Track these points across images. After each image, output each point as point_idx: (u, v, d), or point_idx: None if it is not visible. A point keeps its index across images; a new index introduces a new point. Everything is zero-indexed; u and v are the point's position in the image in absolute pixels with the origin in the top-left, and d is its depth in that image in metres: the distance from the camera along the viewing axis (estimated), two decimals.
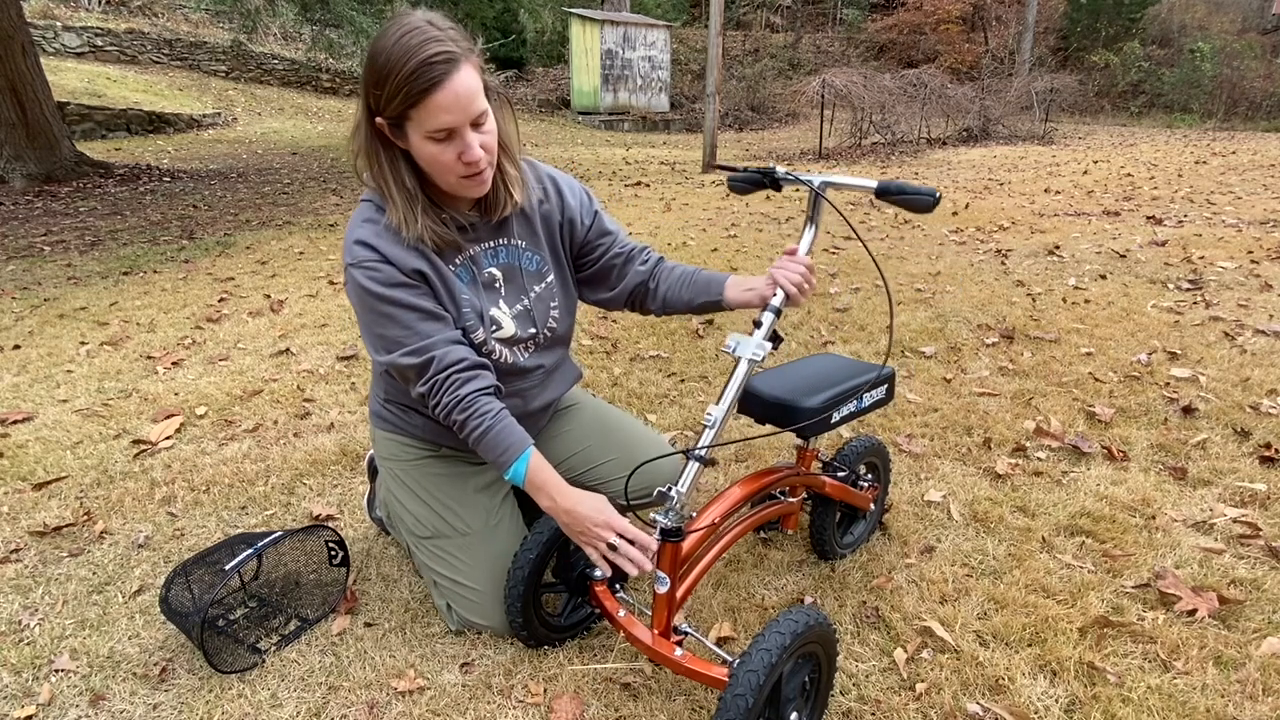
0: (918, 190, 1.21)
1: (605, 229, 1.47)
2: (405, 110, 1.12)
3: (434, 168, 1.19)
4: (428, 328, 1.25)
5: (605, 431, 1.61)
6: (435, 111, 1.11)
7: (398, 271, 1.24)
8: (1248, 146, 11.45)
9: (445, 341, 1.26)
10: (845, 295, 3.70)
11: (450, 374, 1.25)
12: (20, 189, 6.92)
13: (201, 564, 1.49)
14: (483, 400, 1.26)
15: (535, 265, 1.40)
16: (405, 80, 1.09)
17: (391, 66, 1.09)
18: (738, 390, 1.22)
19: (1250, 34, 20.85)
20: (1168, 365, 2.75)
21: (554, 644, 1.43)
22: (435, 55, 1.08)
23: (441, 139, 1.14)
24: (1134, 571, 1.62)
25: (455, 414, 1.25)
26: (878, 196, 1.25)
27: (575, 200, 1.43)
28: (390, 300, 1.23)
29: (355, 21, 8.91)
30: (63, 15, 12.46)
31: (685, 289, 1.43)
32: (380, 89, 1.11)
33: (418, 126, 1.14)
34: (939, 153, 11.72)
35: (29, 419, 2.44)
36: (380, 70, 1.11)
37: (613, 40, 16.56)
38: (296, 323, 3.38)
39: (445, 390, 1.25)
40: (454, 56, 1.10)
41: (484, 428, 1.24)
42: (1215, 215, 5.67)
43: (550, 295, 1.43)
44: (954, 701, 1.29)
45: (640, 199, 6.95)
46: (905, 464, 2.10)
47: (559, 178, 1.43)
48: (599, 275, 1.49)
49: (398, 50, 1.09)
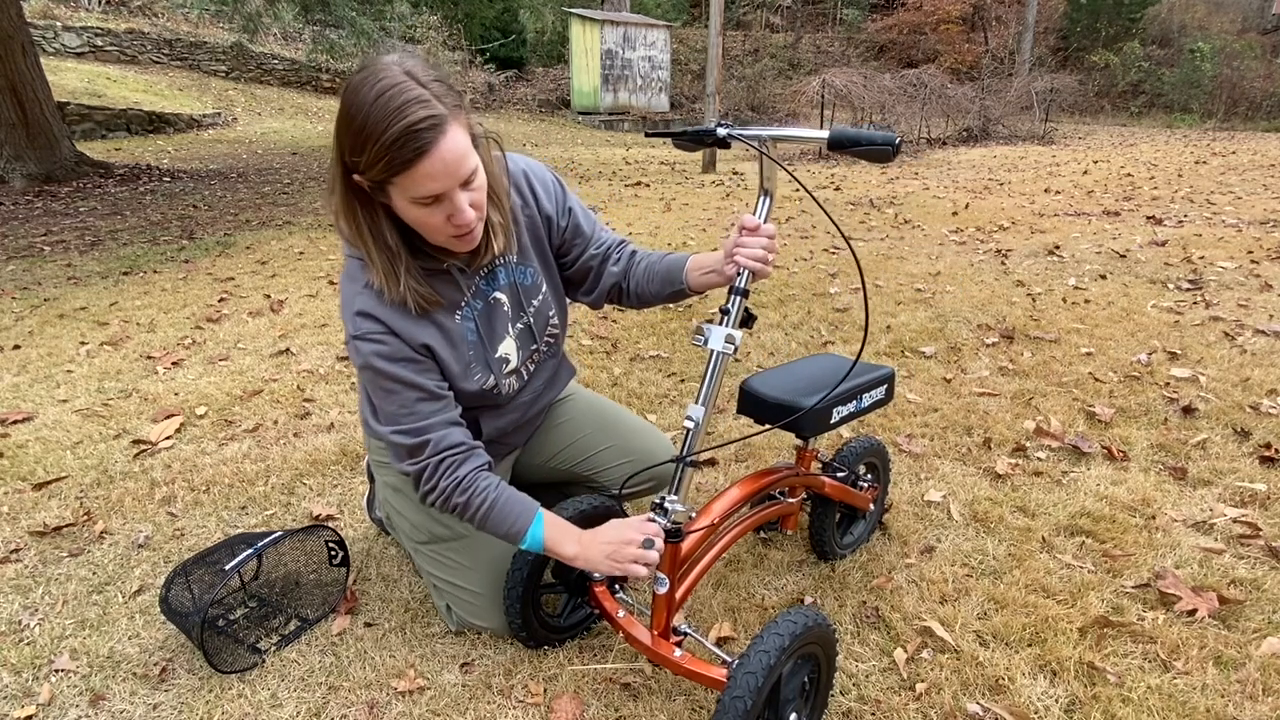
0: (873, 139, 1.08)
1: (580, 228, 1.40)
2: (388, 177, 1.03)
3: (421, 229, 1.12)
4: (427, 408, 1.21)
5: (600, 421, 1.61)
6: (422, 180, 1.02)
7: (405, 346, 1.18)
8: (1248, 146, 11.45)
9: (443, 424, 1.22)
10: (845, 295, 3.70)
11: (446, 457, 1.21)
12: (20, 189, 6.92)
13: (201, 564, 1.49)
14: (481, 478, 1.23)
15: (530, 278, 1.36)
16: (387, 149, 0.99)
17: (371, 131, 0.99)
18: (715, 385, 1.17)
19: (1250, 34, 20.86)
20: (1168, 365, 2.74)
21: (554, 644, 1.43)
22: (420, 122, 0.98)
23: (429, 203, 1.06)
24: (1134, 571, 1.62)
25: (456, 497, 1.22)
26: (830, 149, 1.13)
27: (550, 199, 1.36)
28: (393, 377, 1.19)
29: (355, 23, 8.91)
30: (63, 15, 12.47)
31: (651, 283, 1.37)
32: (359, 154, 1.01)
33: (402, 192, 1.05)
34: (939, 153, 11.72)
35: (29, 419, 2.44)
36: (358, 133, 1.00)
37: (613, 40, 16.56)
38: (296, 323, 3.38)
39: (441, 474, 1.21)
40: (440, 120, 1.00)
41: (489, 503, 1.22)
42: (1215, 215, 5.67)
43: (547, 306, 1.40)
44: (954, 701, 1.29)
45: (640, 199, 6.95)
46: (905, 464, 2.10)
47: (531, 174, 1.34)
48: (577, 276, 1.45)
49: (377, 113, 0.98)
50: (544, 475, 1.64)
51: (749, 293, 1.18)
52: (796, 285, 3.88)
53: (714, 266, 1.27)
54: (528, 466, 1.62)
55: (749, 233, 1.18)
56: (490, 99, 17.20)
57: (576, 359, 2.91)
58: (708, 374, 1.17)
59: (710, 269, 1.27)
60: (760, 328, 3.25)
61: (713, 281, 1.28)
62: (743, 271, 1.17)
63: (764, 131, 1.16)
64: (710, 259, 1.28)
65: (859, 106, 12.00)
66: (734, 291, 1.18)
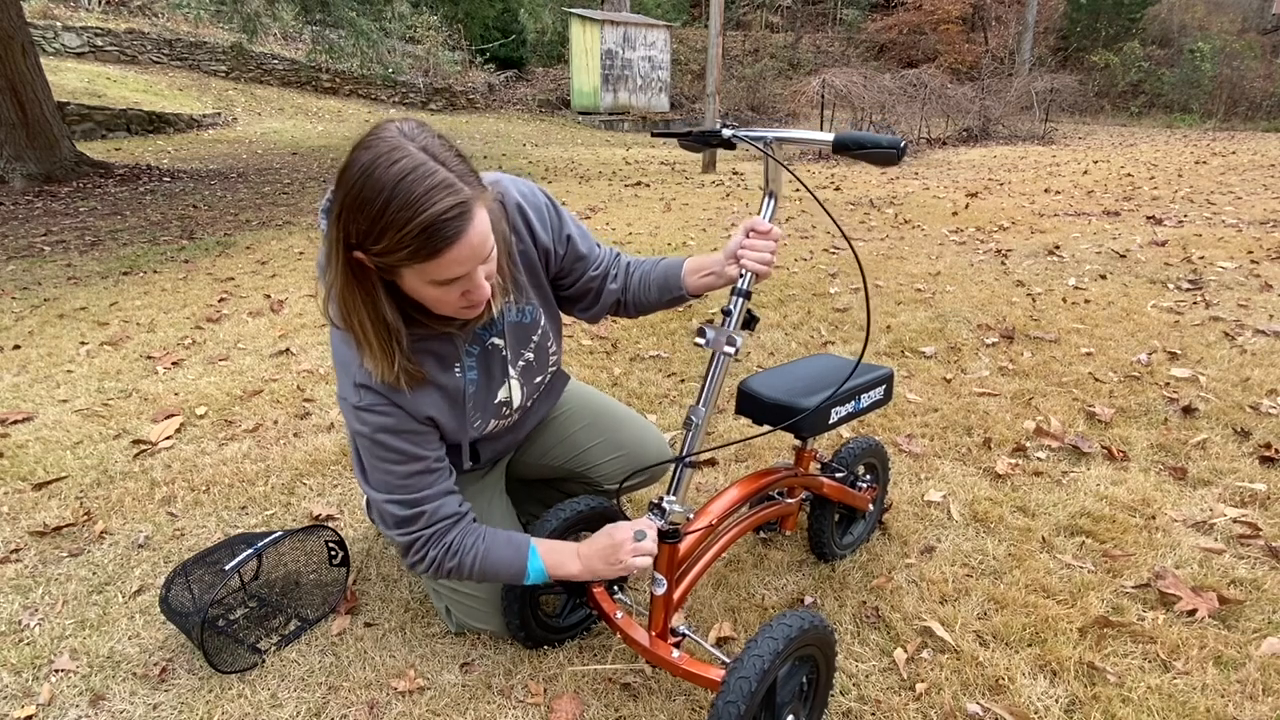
0: (878, 142, 1.06)
1: (579, 253, 1.34)
2: (408, 264, 0.96)
3: (431, 305, 1.06)
4: (424, 481, 1.18)
5: (590, 417, 1.60)
6: (447, 267, 0.97)
7: (410, 419, 1.14)
8: (1248, 146, 11.44)
9: (439, 495, 1.19)
10: (845, 295, 3.69)
11: (439, 528, 1.19)
12: (20, 189, 6.92)
13: (201, 564, 1.49)
14: (467, 536, 1.20)
15: (529, 316, 1.30)
16: (413, 239, 0.92)
17: (392, 220, 0.91)
18: (717, 386, 1.17)
19: (1250, 34, 20.85)
20: (1168, 365, 2.74)
21: (553, 645, 1.43)
22: (448, 211, 0.92)
23: (446, 283, 1.00)
24: (1134, 571, 1.62)
25: (447, 562, 1.19)
26: (835, 151, 1.11)
27: (546, 230, 1.28)
28: (396, 450, 1.14)
29: (355, 23, 8.91)
30: (63, 15, 12.47)
31: (648, 291, 1.35)
32: (375, 240, 0.94)
33: (420, 275, 0.98)
34: (939, 153, 11.72)
35: (29, 419, 2.44)
36: (375, 219, 0.92)
37: (613, 40, 16.56)
38: (296, 323, 3.38)
39: (432, 544, 1.19)
40: (467, 207, 0.94)
41: (479, 554, 1.19)
42: (1215, 215, 5.67)
43: (546, 339, 1.35)
44: (954, 701, 1.29)
45: (640, 199, 6.95)
46: (905, 464, 2.10)
47: (526, 206, 1.25)
48: (577, 295, 1.40)
49: (399, 200, 0.91)
50: (538, 473, 1.63)
51: (751, 294, 1.18)
52: (796, 285, 3.88)
53: (713, 268, 1.25)
54: (521, 465, 1.62)
55: (758, 235, 1.16)
56: (490, 99, 17.19)
57: (576, 359, 2.91)
58: (709, 375, 1.17)
59: (709, 271, 1.26)
60: (760, 328, 3.25)
61: (711, 284, 1.26)
62: (745, 274, 1.17)
63: (769, 133, 1.15)
64: (708, 261, 1.26)
65: (859, 106, 12.00)
66: (736, 293, 1.17)
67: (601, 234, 5.22)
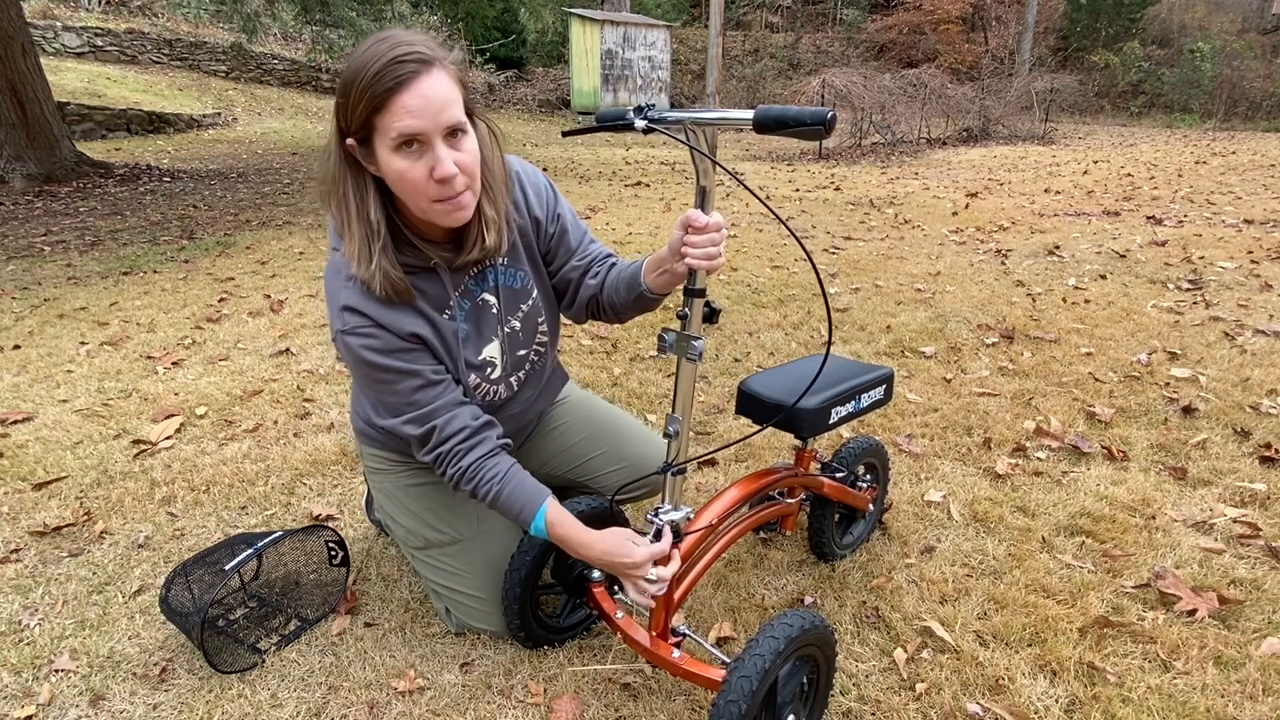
0: (801, 117, 0.97)
1: (566, 238, 1.36)
2: (370, 117, 1.02)
3: (404, 188, 1.08)
4: (428, 395, 1.20)
5: (593, 426, 1.59)
6: (399, 113, 1.01)
7: (394, 338, 1.17)
8: (1248, 146, 11.44)
9: (448, 407, 1.21)
10: (845, 295, 3.70)
11: (453, 446, 1.21)
12: (20, 189, 6.92)
13: (201, 564, 1.49)
14: (487, 465, 1.22)
15: (521, 282, 1.33)
16: (370, 82, 1.00)
17: (356, 69, 1.02)
18: (688, 393, 1.14)
19: (1250, 34, 20.84)
20: (1168, 365, 2.74)
21: (553, 644, 1.43)
22: (404, 55, 1.00)
23: (410, 151, 1.04)
24: (1134, 571, 1.62)
25: (464, 485, 1.22)
26: (757, 130, 1.02)
27: (540, 203, 1.32)
28: (388, 369, 1.17)
29: (355, 23, 8.91)
30: (63, 15, 12.46)
31: (618, 291, 1.31)
32: (346, 97, 1.04)
33: (383, 136, 1.03)
34: (939, 153, 11.72)
35: (29, 419, 2.44)
36: (347, 80, 1.03)
37: (613, 40, 16.56)
38: (296, 323, 3.38)
39: (449, 462, 1.22)
40: (426, 58, 1.02)
41: (494, 493, 1.21)
42: (1215, 215, 5.67)
43: (536, 311, 1.36)
44: (954, 701, 1.29)
45: (640, 199, 6.95)
46: (905, 464, 2.10)
47: (524, 176, 1.31)
48: (559, 287, 1.41)
49: (366, 56, 1.02)
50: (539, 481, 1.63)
51: (704, 291, 1.11)
52: (796, 285, 3.88)
53: (666, 265, 1.19)
54: None
55: (696, 231, 1.08)
56: (490, 99, 17.19)
57: (576, 359, 2.91)
58: (677, 383, 1.14)
59: (663, 269, 1.20)
60: (760, 328, 3.25)
61: (668, 282, 1.21)
62: (694, 272, 1.11)
63: (685, 115, 1.05)
64: (661, 257, 1.19)
65: (859, 106, 11.99)
66: (689, 294, 1.11)
67: (601, 234, 5.22)
